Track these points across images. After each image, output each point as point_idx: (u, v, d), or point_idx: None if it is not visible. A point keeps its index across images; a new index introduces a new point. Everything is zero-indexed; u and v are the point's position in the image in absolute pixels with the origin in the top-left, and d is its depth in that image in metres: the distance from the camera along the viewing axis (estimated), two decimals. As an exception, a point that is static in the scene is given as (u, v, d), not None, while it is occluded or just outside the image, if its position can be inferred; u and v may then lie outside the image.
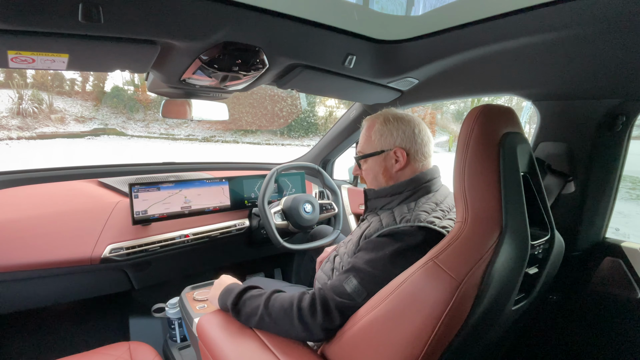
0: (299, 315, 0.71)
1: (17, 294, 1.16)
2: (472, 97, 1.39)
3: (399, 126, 0.84)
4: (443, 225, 0.71)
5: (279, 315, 0.74)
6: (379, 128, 0.85)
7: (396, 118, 0.85)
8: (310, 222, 1.44)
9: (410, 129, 0.83)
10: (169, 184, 1.34)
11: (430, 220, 0.72)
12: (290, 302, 0.74)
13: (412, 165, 0.83)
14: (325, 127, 12.96)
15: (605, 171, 0.94)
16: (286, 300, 0.75)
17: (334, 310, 0.69)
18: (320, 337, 0.71)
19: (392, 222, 0.75)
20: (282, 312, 0.73)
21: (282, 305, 0.74)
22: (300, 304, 0.72)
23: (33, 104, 10.21)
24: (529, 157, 0.67)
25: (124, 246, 1.22)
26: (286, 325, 0.73)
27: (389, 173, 0.84)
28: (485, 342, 0.69)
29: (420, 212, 0.74)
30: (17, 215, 1.14)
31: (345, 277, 0.72)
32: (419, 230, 0.70)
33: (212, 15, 0.73)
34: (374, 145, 0.85)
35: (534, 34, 0.73)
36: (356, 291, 0.69)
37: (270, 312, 0.75)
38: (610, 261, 0.94)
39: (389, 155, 0.84)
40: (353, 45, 0.95)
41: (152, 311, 1.48)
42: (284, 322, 0.73)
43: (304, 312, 0.71)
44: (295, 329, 0.72)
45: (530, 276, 0.65)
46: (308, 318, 0.70)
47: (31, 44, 0.70)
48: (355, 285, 0.70)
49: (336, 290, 0.71)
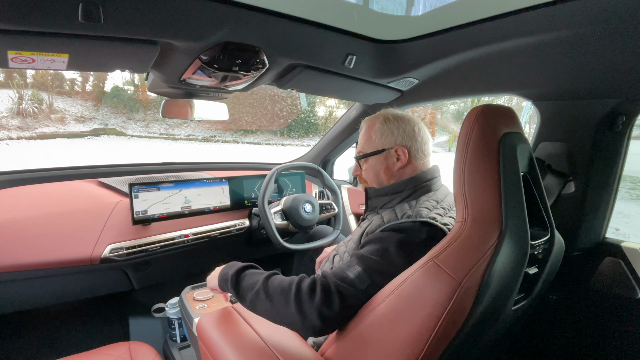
0: (296, 294, 0.67)
1: (17, 294, 1.16)
2: (472, 97, 1.39)
3: (399, 125, 0.85)
4: (444, 223, 0.72)
5: (276, 292, 0.70)
6: (379, 127, 0.86)
7: (396, 117, 0.86)
8: (310, 222, 1.44)
9: (410, 128, 0.84)
10: (169, 184, 1.34)
11: (432, 216, 0.72)
12: (290, 281, 0.71)
13: (412, 163, 0.84)
14: (325, 127, 12.96)
15: (605, 171, 0.94)
16: (286, 280, 0.72)
17: (335, 293, 0.66)
18: (314, 322, 0.65)
19: (394, 219, 0.75)
20: (279, 290, 0.70)
21: (280, 283, 0.72)
22: (300, 283, 0.69)
23: (33, 104, 10.21)
24: (529, 157, 0.67)
25: (124, 246, 1.22)
26: (281, 305, 0.69)
27: (390, 171, 0.85)
28: (485, 342, 0.69)
29: (422, 209, 0.74)
30: (17, 215, 1.14)
31: (348, 265, 0.71)
32: (422, 226, 0.71)
33: (212, 15, 0.73)
34: (375, 145, 0.86)
35: (534, 34, 0.73)
36: (359, 278, 0.67)
37: (267, 288, 0.72)
38: (610, 261, 0.94)
39: (390, 154, 0.84)
40: (353, 45, 0.95)
41: (152, 311, 1.48)
42: (279, 300, 0.69)
43: (302, 291, 0.68)
44: (290, 310, 0.67)
45: (530, 276, 0.65)
46: (305, 298, 0.67)
47: (31, 44, 0.70)
48: (358, 272, 0.68)
49: (339, 277, 0.69)
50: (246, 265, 0.81)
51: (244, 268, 0.80)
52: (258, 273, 0.78)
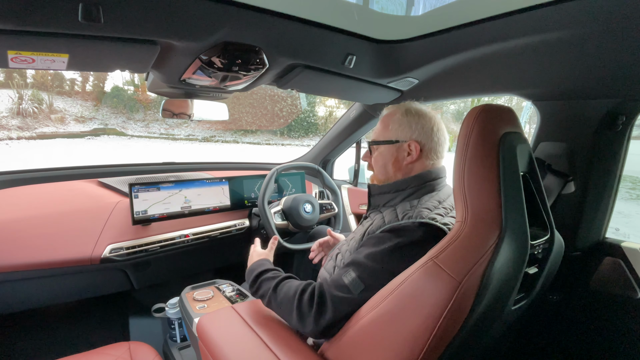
0: (298, 304, 0.75)
1: (17, 294, 1.16)
2: (472, 97, 1.39)
3: (419, 120, 0.83)
4: (445, 222, 0.71)
5: (283, 301, 0.78)
6: (398, 118, 0.85)
7: (417, 112, 0.85)
8: (310, 222, 1.44)
9: (429, 126, 0.83)
10: (169, 184, 1.34)
11: (432, 217, 0.72)
12: (295, 290, 0.77)
13: (422, 161, 0.83)
14: (325, 127, 12.95)
15: (605, 171, 0.94)
16: (292, 288, 0.79)
17: (328, 302, 0.71)
18: (312, 328, 0.72)
19: (395, 219, 0.75)
20: (286, 299, 0.77)
21: (287, 292, 0.78)
22: (302, 294, 0.76)
23: (33, 104, 10.21)
24: (529, 157, 0.67)
25: (124, 246, 1.22)
26: (286, 312, 0.77)
27: (398, 164, 0.84)
28: (485, 342, 0.69)
29: (423, 209, 0.74)
30: (17, 215, 1.14)
31: (344, 271, 0.74)
32: (419, 227, 0.71)
33: (212, 15, 0.73)
34: (390, 134, 0.85)
35: (534, 34, 0.73)
36: (353, 283, 0.70)
37: (276, 296, 0.80)
38: (610, 261, 0.94)
39: (403, 147, 0.83)
40: (353, 45, 0.95)
41: (152, 311, 1.48)
42: (286, 308, 0.77)
43: (303, 302, 0.74)
44: (293, 317, 0.75)
45: (530, 276, 0.65)
46: (305, 308, 0.73)
47: (31, 44, 0.70)
48: (353, 278, 0.71)
49: (335, 284, 0.73)
50: (258, 273, 0.88)
51: (258, 276, 0.88)
52: (269, 279, 0.86)
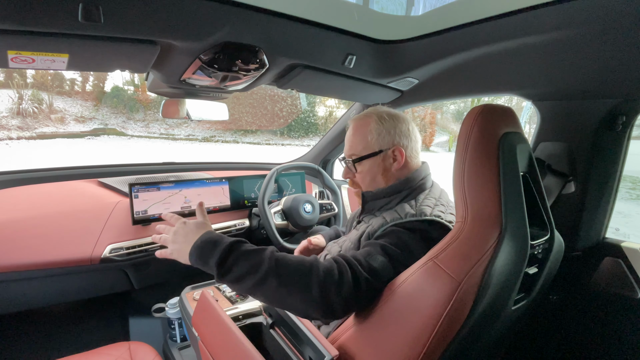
0: (322, 280, 0.60)
1: (17, 294, 1.16)
2: (472, 97, 1.39)
3: (396, 124, 0.81)
4: (449, 220, 0.72)
5: (293, 277, 0.61)
6: (375, 127, 0.81)
7: (391, 116, 0.82)
8: (310, 222, 1.44)
9: (405, 127, 0.82)
10: (169, 184, 1.34)
11: (436, 214, 0.72)
12: (310, 265, 0.63)
13: (408, 163, 0.82)
14: (325, 127, 12.96)
15: (605, 171, 0.94)
16: (304, 263, 0.63)
17: (363, 283, 0.62)
18: (337, 310, 0.61)
19: (398, 218, 0.74)
20: (298, 274, 0.61)
21: (298, 268, 0.62)
22: (330, 270, 0.62)
23: (33, 104, 10.21)
24: (529, 157, 0.67)
25: (124, 246, 1.22)
26: (298, 289, 0.60)
27: (388, 173, 0.82)
28: (485, 342, 0.69)
29: (424, 207, 0.74)
30: (17, 215, 1.14)
31: (366, 254, 0.66)
32: (430, 224, 0.70)
33: (212, 15, 0.73)
34: (372, 145, 0.81)
35: (534, 34, 0.73)
36: (384, 268, 0.65)
37: (279, 272, 0.61)
38: (610, 261, 0.94)
39: (387, 155, 0.81)
40: (353, 45, 0.95)
41: (152, 311, 1.48)
42: (299, 285, 0.61)
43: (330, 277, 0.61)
44: (311, 297, 0.60)
45: (530, 276, 0.65)
46: (332, 287, 0.60)
47: (31, 44, 0.70)
48: (382, 262, 0.65)
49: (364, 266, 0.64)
50: (231, 243, 0.65)
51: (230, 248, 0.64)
52: (254, 252, 0.64)
